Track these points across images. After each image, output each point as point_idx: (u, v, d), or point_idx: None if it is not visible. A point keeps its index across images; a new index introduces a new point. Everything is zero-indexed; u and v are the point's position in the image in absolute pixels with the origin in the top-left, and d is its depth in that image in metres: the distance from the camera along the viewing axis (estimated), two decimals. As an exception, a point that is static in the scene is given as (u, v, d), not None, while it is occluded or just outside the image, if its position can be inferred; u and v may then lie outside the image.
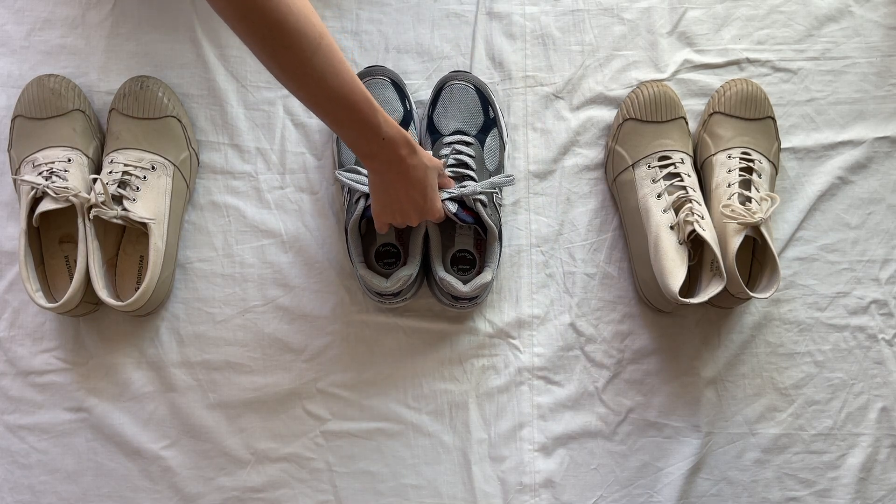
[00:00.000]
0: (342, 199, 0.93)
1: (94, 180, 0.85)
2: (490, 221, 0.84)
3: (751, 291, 0.82)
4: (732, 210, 0.84)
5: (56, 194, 0.83)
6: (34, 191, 0.84)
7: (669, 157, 0.89)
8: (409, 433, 0.91)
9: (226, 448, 0.90)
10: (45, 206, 0.83)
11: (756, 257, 0.90)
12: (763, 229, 0.83)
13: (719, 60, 0.97)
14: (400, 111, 0.91)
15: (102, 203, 0.83)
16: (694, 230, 0.83)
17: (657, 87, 0.92)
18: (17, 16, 0.96)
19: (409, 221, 0.81)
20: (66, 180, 0.85)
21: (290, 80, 0.68)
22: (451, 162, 0.86)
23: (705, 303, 0.83)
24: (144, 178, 0.88)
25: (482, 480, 0.90)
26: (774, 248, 0.84)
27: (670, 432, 0.91)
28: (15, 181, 0.88)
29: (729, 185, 0.87)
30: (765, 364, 0.92)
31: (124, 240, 0.91)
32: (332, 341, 0.92)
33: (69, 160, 0.87)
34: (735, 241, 0.83)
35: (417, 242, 0.86)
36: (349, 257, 0.89)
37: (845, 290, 0.93)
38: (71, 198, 0.83)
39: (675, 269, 0.82)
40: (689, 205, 0.85)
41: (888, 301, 0.93)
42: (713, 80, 0.96)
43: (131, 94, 0.90)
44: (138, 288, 0.86)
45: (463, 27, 0.97)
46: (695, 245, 0.87)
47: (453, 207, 0.83)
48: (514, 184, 0.88)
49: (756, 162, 0.89)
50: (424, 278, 0.91)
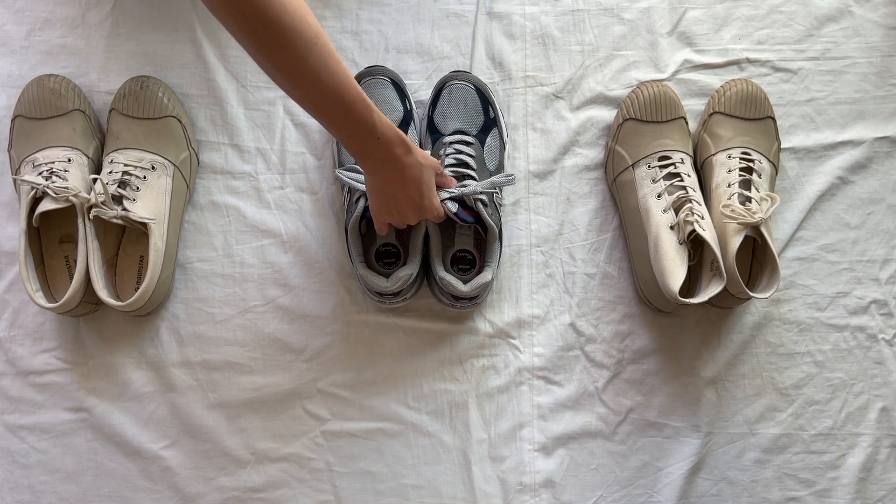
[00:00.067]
0: (342, 198, 0.93)
1: (94, 180, 0.85)
2: (491, 221, 0.84)
3: (751, 291, 0.82)
4: (732, 210, 0.84)
5: (56, 194, 0.83)
6: (34, 191, 0.84)
7: (669, 157, 0.89)
8: (409, 433, 0.91)
9: (226, 448, 0.90)
10: (45, 206, 0.83)
11: (756, 257, 0.90)
12: (763, 229, 0.83)
13: (719, 60, 0.97)
14: (400, 111, 0.90)
15: (102, 203, 0.83)
16: (694, 230, 0.83)
17: (657, 87, 0.92)
18: (17, 16, 0.96)
19: (407, 220, 0.81)
20: (66, 180, 0.84)
21: (285, 79, 0.68)
22: (452, 162, 0.86)
23: (705, 303, 0.83)
24: (144, 178, 0.88)
25: (482, 480, 0.90)
26: (774, 248, 0.84)
27: (670, 432, 0.91)
28: (15, 181, 0.88)
29: (729, 185, 0.87)
30: (765, 364, 0.92)
31: (124, 240, 0.91)
32: (332, 341, 0.92)
33: (69, 160, 0.87)
34: (735, 241, 0.83)
35: (417, 242, 0.86)
36: (349, 257, 0.89)
37: (845, 290, 0.93)
38: (71, 198, 0.83)
39: (675, 269, 0.82)
40: (689, 205, 0.85)
41: (888, 301, 0.93)
42: (713, 80, 0.96)
43: (131, 94, 0.90)
44: (138, 288, 0.85)
45: (463, 27, 0.97)
46: (695, 245, 0.87)
47: (454, 207, 0.83)
48: (514, 183, 0.88)
49: (756, 162, 0.89)
50: (424, 278, 0.91)
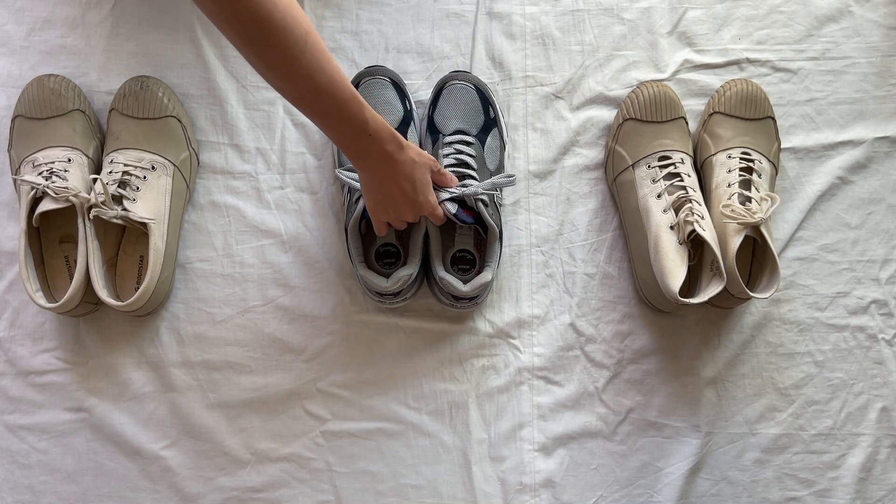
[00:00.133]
0: (342, 198, 0.93)
1: (94, 180, 0.85)
2: (491, 221, 0.84)
3: (751, 291, 0.82)
4: (732, 210, 0.84)
5: (56, 194, 0.83)
6: (34, 191, 0.84)
7: (669, 157, 0.89)
8: (409, 433, 0.91)
9: (226, 448, 0.90)
10: (45, 206, 0.83)
11: (756, 257, 0.90)
12: (763, 229, 0.83)
13: (719, 60, 0.97)
14: (400, 111, 0.91)
15: (102, 203, 0.83)
16: (694, 230, 0.83)
17: (657, 87, 0.92)
18: (17, 16, 0.96)
19: (403, 217, 0.81)
20: (66, 180, 0.84)
21: (277, 77, 0.68)
22: (452, 161, 0.86)
23: (705, 303, 0.83)
24: (144, 178, 0.88)
25: (482, 480, 0.90)
26: (774, 248, 0.84)
27: (670, 432, 0.91)
28: (15, 181, 0.88)
29: (729, 185, 0.87)
30: (765, 364, 0.92)
31: (124, 240, 0.91)
32: (332, 341, 0.92)
33: (69, 160, 0.87)
34: (735, 241, 0.83)
35: (417, 242, 0.86)
36: (349, 257, 0.89)
37: (845, 290, 0.93)
38: (71, 198, 0.83)
39: (675, 269, 0.82)
40: (689, 205, 0.85)
41: (888, 301, 0.93)
42: (713, 80, 0.96)
43: (131, 94, 0.90)
44: (138, 288, 0.85)
45: (463, 27, 0.97)
46: (695, 245, 0.87)
47: (453, 208, 0.83)
48: (515, 184, 0.88)
49: (756, 162, 0.89)
50: (424, 278, 0.91)
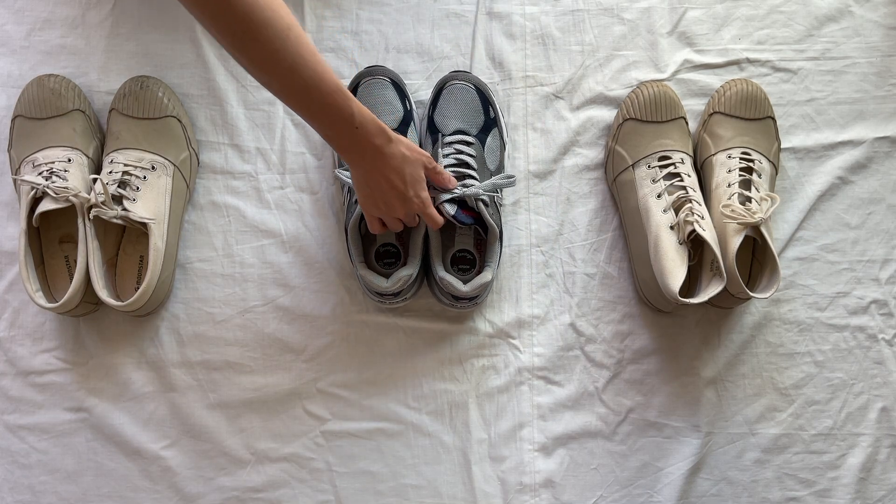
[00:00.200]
0: (342, 198, 0.93)
1: (94, 180, 0.85)
2: (492, 221, 0.84)
3: (751, 291, 0.82)
4: (732, 210, 0.84)
5: (56, 194, 0.83)
6: (34, 191, 0.84)
7: (669, 157, 0.89)
8: (409, 433, 0.91)
9: (226, 448, 0.90)
10: (45, 206, 0.83)
11: (756, 257, 0.90)
12: (763, 229, 0.83)
13: (719, 60, 0.97)
14: (400, 111, 0.91)
15: (102, 203, 0.83)
16: (694, 230, 0.83)
17: (657, 87, 0.92)
18: (17, 16, 0.96)
19: (393, 212, 0.81)
20: (66, 180, 0.84)
21: (261, 71, 0.68)
22: (452, 161, 0.86)
23: (705, 303, 0.83)
24: (144, 178, 0.88)
25: (482, 480, 0.90)
26: (774, 248, 0.84)
27: (670, 432, 0.91)
28: (15, 181, 0.88)
29: (729, 185, 0.87)
30: (765, 364, 0.92)
31: (124, 240, 0.91)
32: (332, 341, 0.92)
33: (69, 160, 0.87)
34: (735, 241, 0.83)
35: (417, 242, 0.86)
36: (349, 257, 0.89)
37: (845, 290, 0.93)
38: (71, 198, 0.83)
39: (675, 269, 0.82)
40: (689, 205, 0.85)
41: (888, 301, 0.93)
42: (713, 80, 0.96)
43: (131, 94, 0.90)
44: (138, 288, 0.86)
45: (463, 27, 0.97)
46: (695, 245, 0.87)
47: (452, 210, 0.83)
48: (515, 185, 0.88)
49: (756, 162, 0.89)
50: (424, 278, 0.91)
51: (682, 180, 0.88)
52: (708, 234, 0.83)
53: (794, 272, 0.94)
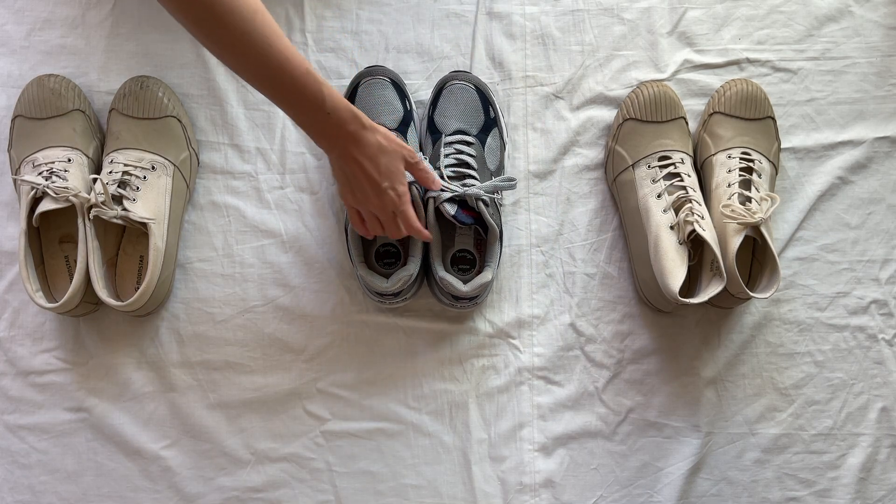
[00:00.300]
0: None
1: (94, 180, 0.85)
2: (492, 221, 0.84)
3: (751, 291, 0.82)
4: (732, 210, 0.84)
5: (56, 194, 0.83)
6: (34, 191, 0.84)
7: (669, 157, 0.89)
8: (409, 433, 0.91)
9: (226, 448, 0.90)
10: (45, 206, 0.83)
11: (756, 257, 0.90)
12: (763, 229, 0.83)
13: (719, 60, 0.97)
14: (400, 111, 0.91)
15: (102, 203, 0.83)
16: (694, 230, 0.83)
17: (657, 87, 0.92)
18: (17, 16, 0.96)
19: (369, 204, 0.79)
20: (66, 180, 0.84)
21: (229, 56, 0.69)
22: (453, 161, 0.86)
23: (705, 303, 0.83)
24: (144, 178, 0.88)
25: (482, 480, 0.90)
26: (774, 248, 0.84)
27: (670, 432, 0.91)
28: (15, 181, 0.88)
29: (729, 185, 0.87)
30: (765, 364, 0.92)
31: (124, 240, 0.91)
32: (332, 341, 0.92)
33: (69, 160, 0.87)
34: (735, 241, 0.83)
35: (417, 242, 0.86)
36: (349, 257, 0.89)
37: (845, 290, 0.93)
38: (71, 198, 0.83)
39: (675, 269, 0.82)
40: (689, 205, 0.85)
41: (888, 301, 0.93)
42: (713, 80, 0.96)
43: (131, 94, 0.90)
44: (138, 288, 0.86)
45: (463, 27, 0.97)
46: (695, 245, 0.87)
47: (452, 209, 0.83)
48: (515, 188, 0.88)
49: (756, 162, 0.89)
50: (424, 278, 0.91)
51: (682, 180, 0.88)
52: (708, 234, 0.83)
53: (794, 272, 0.94)
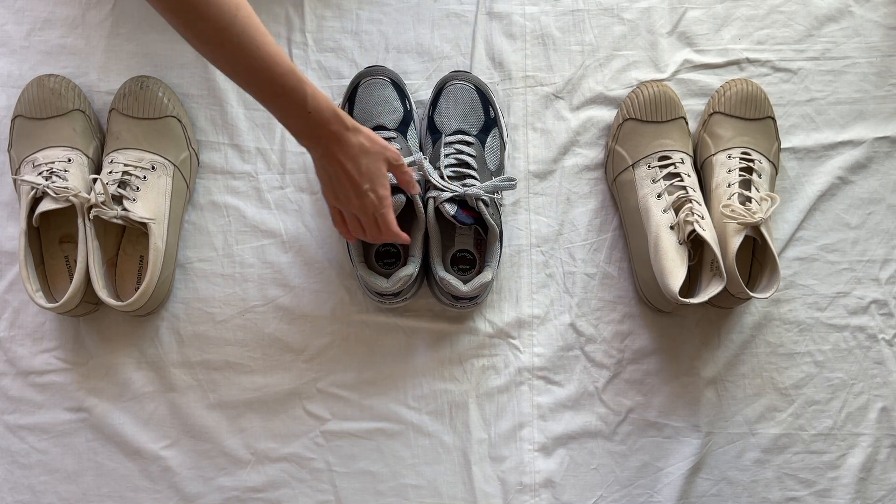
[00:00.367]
0: (342, 199, 0.93)
1: (94, 180, 0.85)
2: (492, 221, 0.84)
3: (751, 291, 0.82)
4: (732, 210, 0.84)
5: (56, 194, 0.83)
6: (34, 191, 0.84)
7: (669, 157, 0.89)
8: (409, 433, 0.91)
9: (226, 448, 0.90)
10: (45, 206, 0.83)
11: (756, 257, 0.90)
12: (763, 229, 0.83)
13: (719, 60, 0.97)
14: (400, 111, 0.91)
15: (102, 203, 0.83)
16: (694, 230, 0.83)
17: (657, 87, 0.92)
18: (17, 16, 0.96)
19: (350, 205, 0.78)
20: (66, 180, 0.84)
21: (210, 50, 0.68)
22: (453, 161, 0.86)
23: (705, 303, 0.83)
24: (144, 178, 0.88)
25: (482, 480, 0.90)
26: (774, 248, 0.84)
27: (670, 432, 0.91)
28: (15, 181, 0.88)
29: (729, 185, 0.87)
30: (765, 364, 0.92)
31: (124, 240, 0.91)
32: (332, 341, 0.92)
33: (69, 160, 0.87)
34: (735, 241, 0.83)
35: (417, 242, 0.86)
36: (349, 257, 0.89)
37: (845, 290, 0.93)
38: (71, 198, 0.83)
39: (675, 269, 0.82)
40: (689, 205, 0.85)
41: (888, 301, 0.93)
42: (713, 80, 0.96)
43: (131, 94, 0.90)
44: (138, 288, 0.86)
45: (463, 27, 0.97)
46: (695, 245, 0.87)
47: (452, 209, 0.83)
48: (515, 188, 0.88)
49: (756, 162, 0.89)
50: (424, 278, 0.91)
51: (682, 180, 0.88)
52: (708, 234, 0.83)
53: (794, 272, 0.94)
